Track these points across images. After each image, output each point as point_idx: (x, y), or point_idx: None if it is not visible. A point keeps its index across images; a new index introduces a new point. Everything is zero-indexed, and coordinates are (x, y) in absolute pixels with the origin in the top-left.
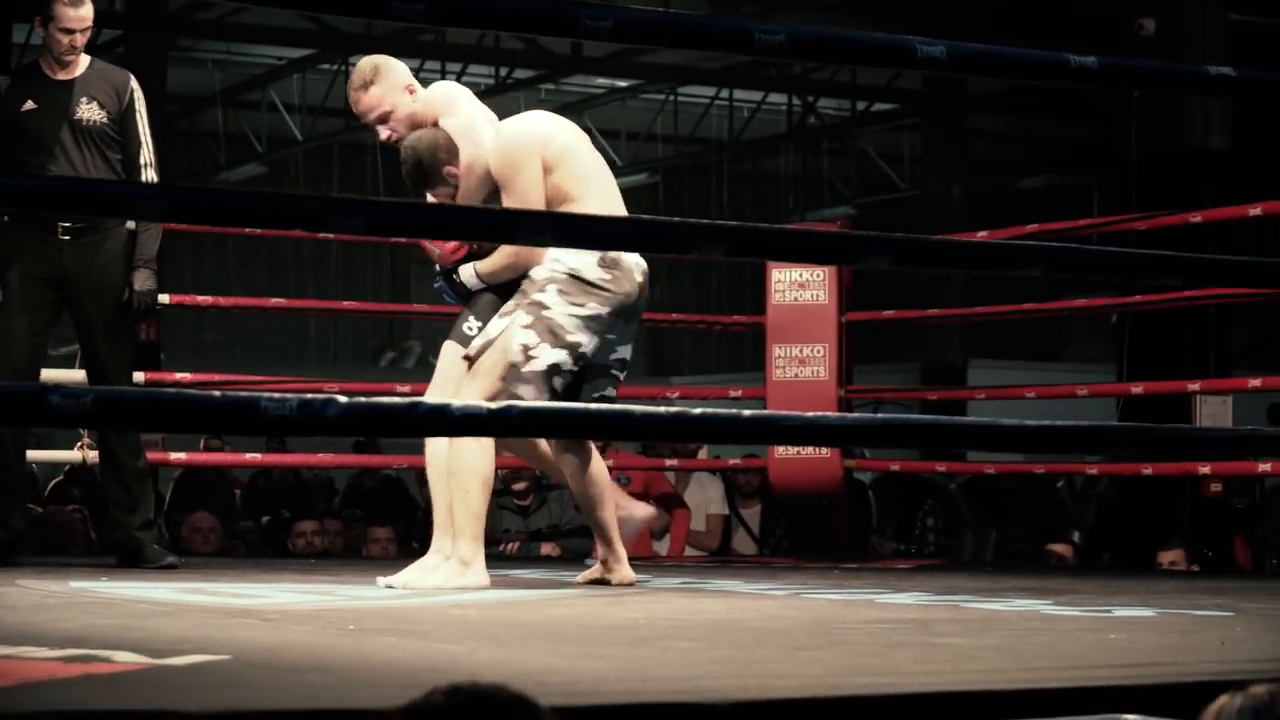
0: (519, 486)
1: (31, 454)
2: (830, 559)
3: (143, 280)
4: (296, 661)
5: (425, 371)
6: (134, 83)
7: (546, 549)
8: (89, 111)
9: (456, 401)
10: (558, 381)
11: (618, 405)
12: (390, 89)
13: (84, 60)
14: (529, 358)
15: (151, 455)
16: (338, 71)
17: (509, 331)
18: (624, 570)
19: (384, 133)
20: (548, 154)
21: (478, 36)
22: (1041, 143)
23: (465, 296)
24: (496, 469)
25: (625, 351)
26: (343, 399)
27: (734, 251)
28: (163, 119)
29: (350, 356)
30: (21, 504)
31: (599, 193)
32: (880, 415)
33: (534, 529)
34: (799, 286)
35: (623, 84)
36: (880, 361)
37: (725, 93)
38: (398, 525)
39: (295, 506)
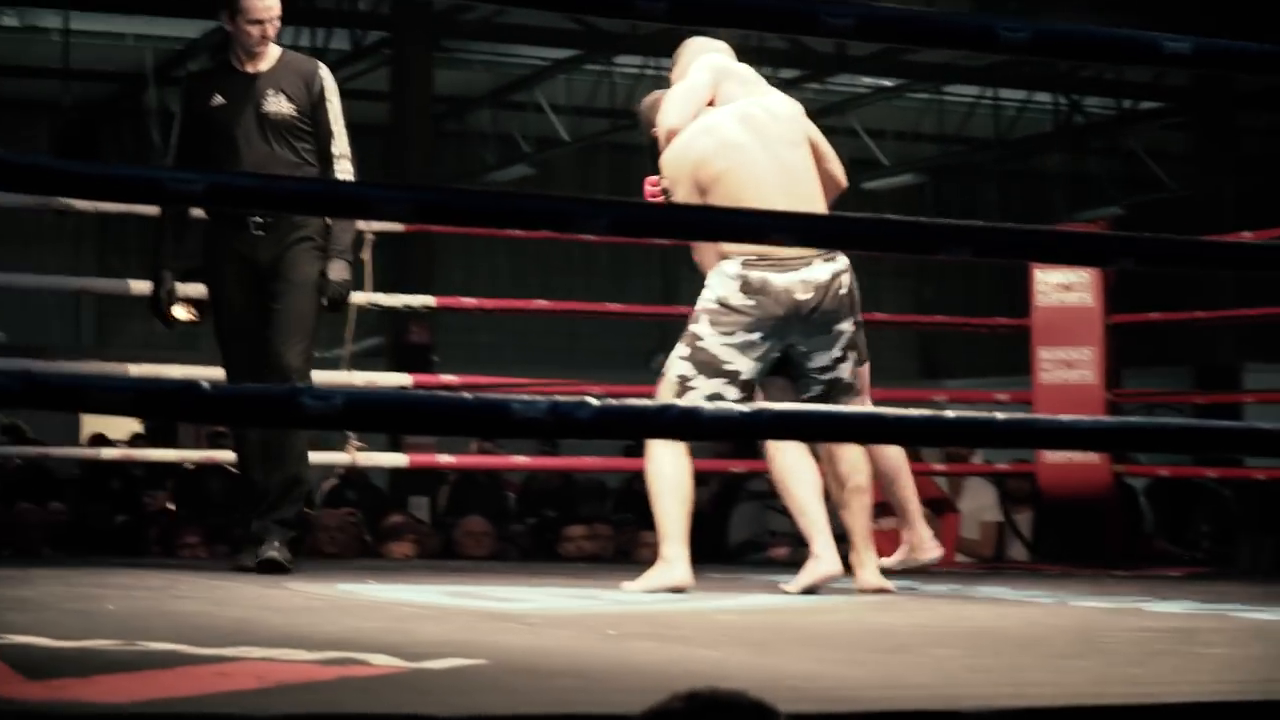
0: None
1: None
2: (1101, 565)
3: (337, 271)
4: (554, 666)
5: None
6: (324, 72)
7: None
8: (276, 104)
9: (709, 406)
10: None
11: (869, 408)
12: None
13: (274, 52)
14: (687, 389)
15: (419, 458)
16: (603, 72)
17: (670, 363)
18: (927, 544)
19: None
20: (700, 178)
21: (743, 36)
22: None
23: None
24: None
25: (823, 359)
26: (594, 401)
27: (981, 253)
28: (431, 120)
29: (622, 359)
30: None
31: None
32: (1124, 419)
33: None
34: (1063, 288)
35: (888, 83)
36: (1152, 364)
37: (990, 91)
38: None
39: (567, 510)
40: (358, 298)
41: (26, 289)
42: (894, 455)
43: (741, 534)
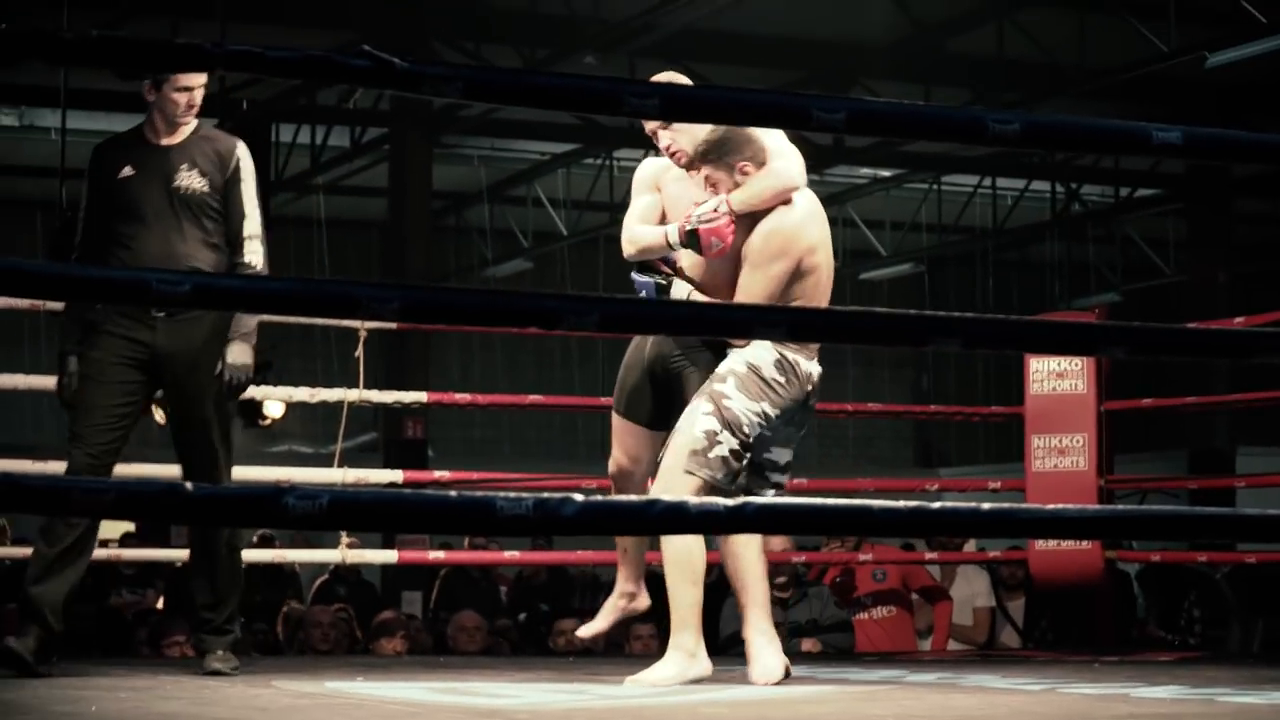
0: (779, 580)
1: (292, 554)
2: (1092, 651)
3: (236, 354)
4: None
5: None
6: (242, 150)
7: (807, 645)
8: (189, 179)
9: (695, 501)
10: (735, 468)
11: (856, 500)
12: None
13: (191, 125)
14: (714, 443)
15: (409, 554)
16: (602, 165)
17: (692, 418)
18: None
19: (664, 139)
20: (806, 264)
21: None
22: None
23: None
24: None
25: (781, 455)
26: (579, 498)
27: (970, 344)
28: (429, 215)
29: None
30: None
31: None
32: (1108, 508)
33: (794, 623)
34: (1057, 376)
35: (886, 174)
36: (1147, 449)
37: (989, 181)
38: (662, 621)
39: (560, 602)
40: (350, 395)
41: (17, 389)
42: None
43: (731, 626)
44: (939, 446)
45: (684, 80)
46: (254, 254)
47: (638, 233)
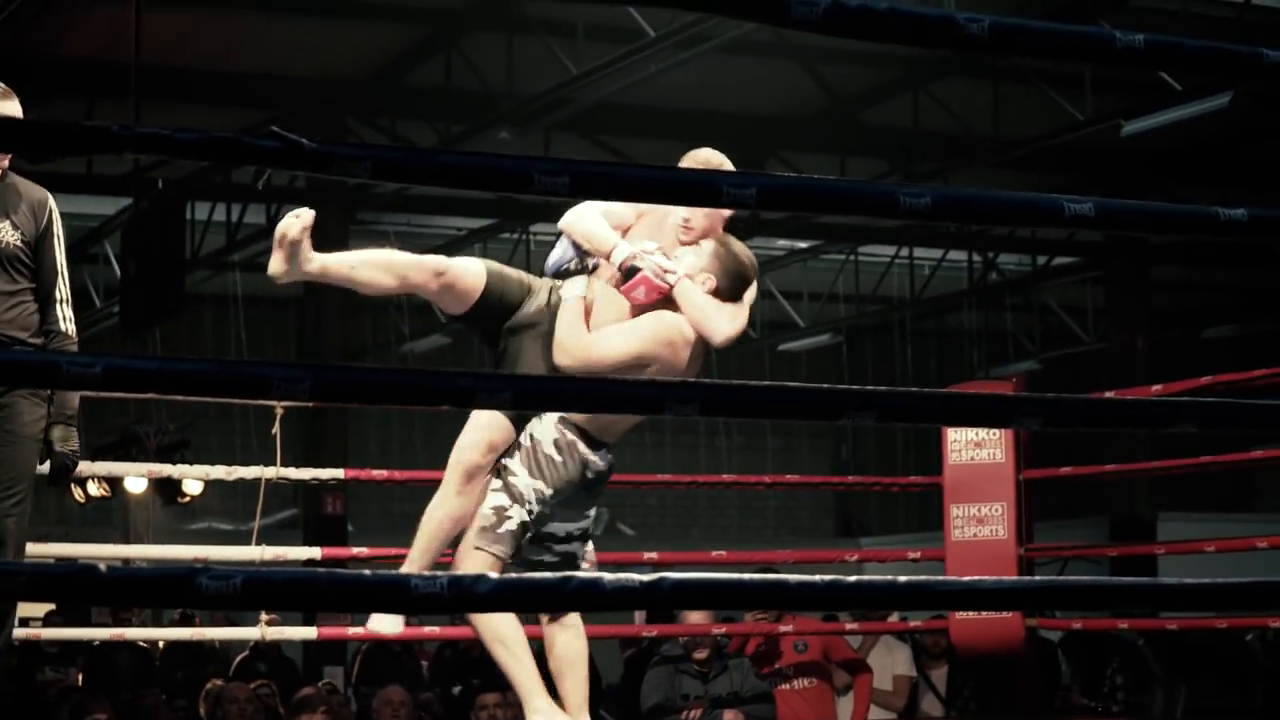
0: (699, 655)
1: (211, 632)
2: (1016, 719)
3: (61, 437)
4: None
5: (612, 537)
6: (53, 203)
7: (729, 716)
8: (2, 231)
9: (610, 576)
10: (522, 541)
11: (774, 575)
12: None
13: None
14: (503, 519)
15: (328, 630)
16: (518, 240)
17: (485, 495)
18: None
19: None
20: (656, 370)
21: None
22: (1227, 291)
23: None
24: (679, 636)
25: (560, 528)
26: (494, 575)
27: (886, 417)
28: (345, 291)
29: None
30: None
31: None
32: (1022, 579)
33: (715, 695)
34: (975, 445)
35: (803, 245)
36: (1067, 517)
37: (905, 251)
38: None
39: (484, 676)
40: (268, 472)
41: None
42: (573, 648)
43: (653, 698)
44: (859, 516)
45: (719, 159)
46: (67, 320)
47: (593, 223)
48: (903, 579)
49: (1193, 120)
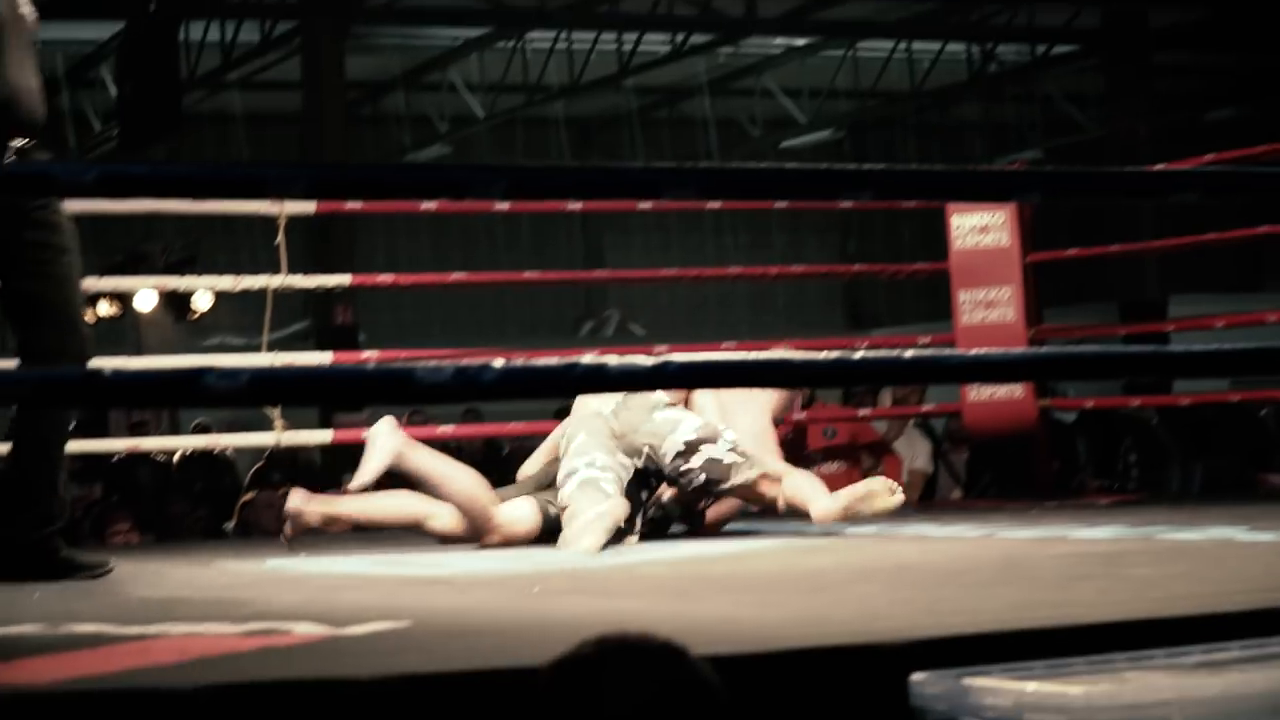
0: None
1: (227, 439)
2: (1032, 500)
3: None
4: (476, 625)
5: (624, 338)
6: None
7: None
8: None
9: (615, 359)
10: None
11: (780, 354)
12: None
13: None
14: None
15: (344, 434)
16: (514, 48)
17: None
18: None
19: None
20: None
21: (651, 4)
22: (1228, 74)
23: None
24: None
25: None
26: (499, 363)
27: (882, 194)
28: (345, 106)
29: (549, 328)
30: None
31: None
32: (1028, 350)
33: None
34: (980, 230)
35: (800, 42)
36: (1078, 302)
37: (904, 44)
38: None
39: (497, 476)
40: (274, 281)
41: None
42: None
43: None
44: (869, 308)
45: None
46: None
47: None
48: (908, 353)
49: None
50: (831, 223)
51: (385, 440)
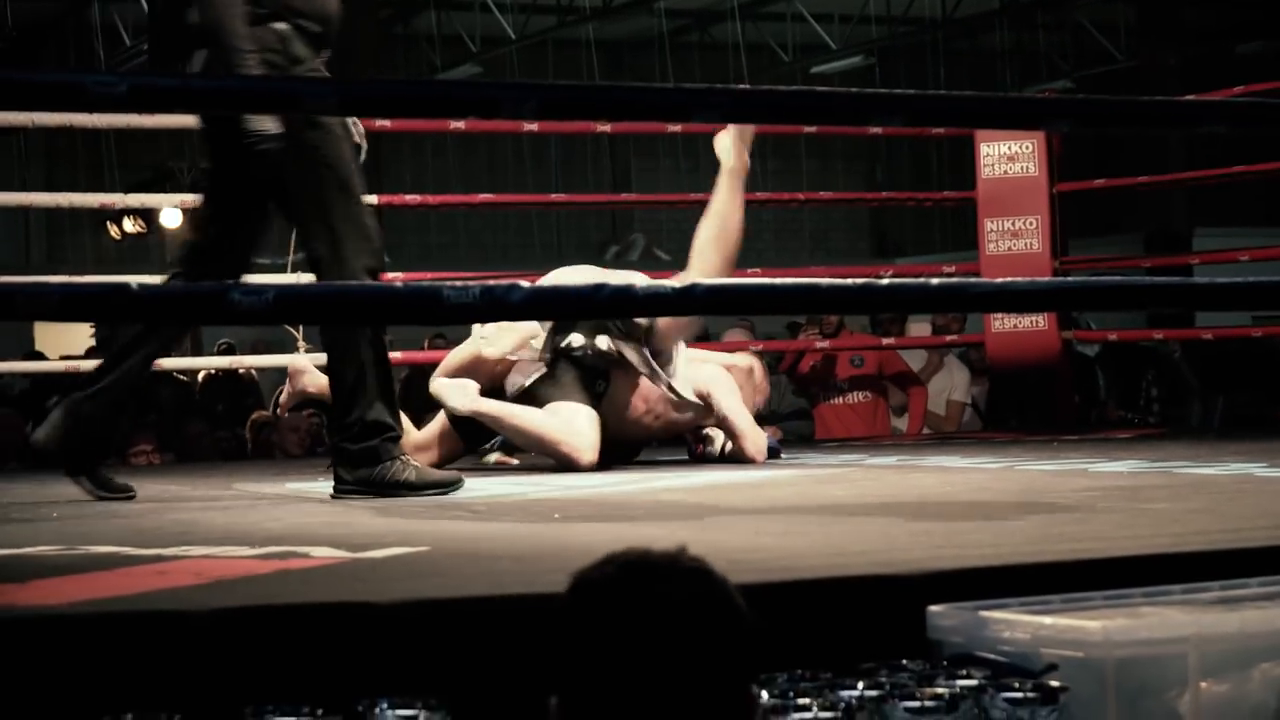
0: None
1: (253, 359)
2: (1053, 432)
3: None
4: (494, 550)
5: (650, 263)
6: None
7: (767, 432)
8: None
9: (642, 282)
10: None
11: (806, 278)
12: None
13: None
14: None
15: None
16: None
17: None
18: None
19: None
20: None
21: None
22: (1260, 6)
23: None
24: None
25: None
26: (526, 284)
27: (914, 120)
28: (377, 24)
29: (574, 251)
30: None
31: None
32: (1050, 280)
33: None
34: (1008, 159)
35: None
36: (1103, 234)
37: None
38: None
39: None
40: None
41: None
42: None
43: None
44: (895, 237)
45: None
46: None
47: None
48: (935, 280)
49: None
50: (859, 150)
51: (455, 395)
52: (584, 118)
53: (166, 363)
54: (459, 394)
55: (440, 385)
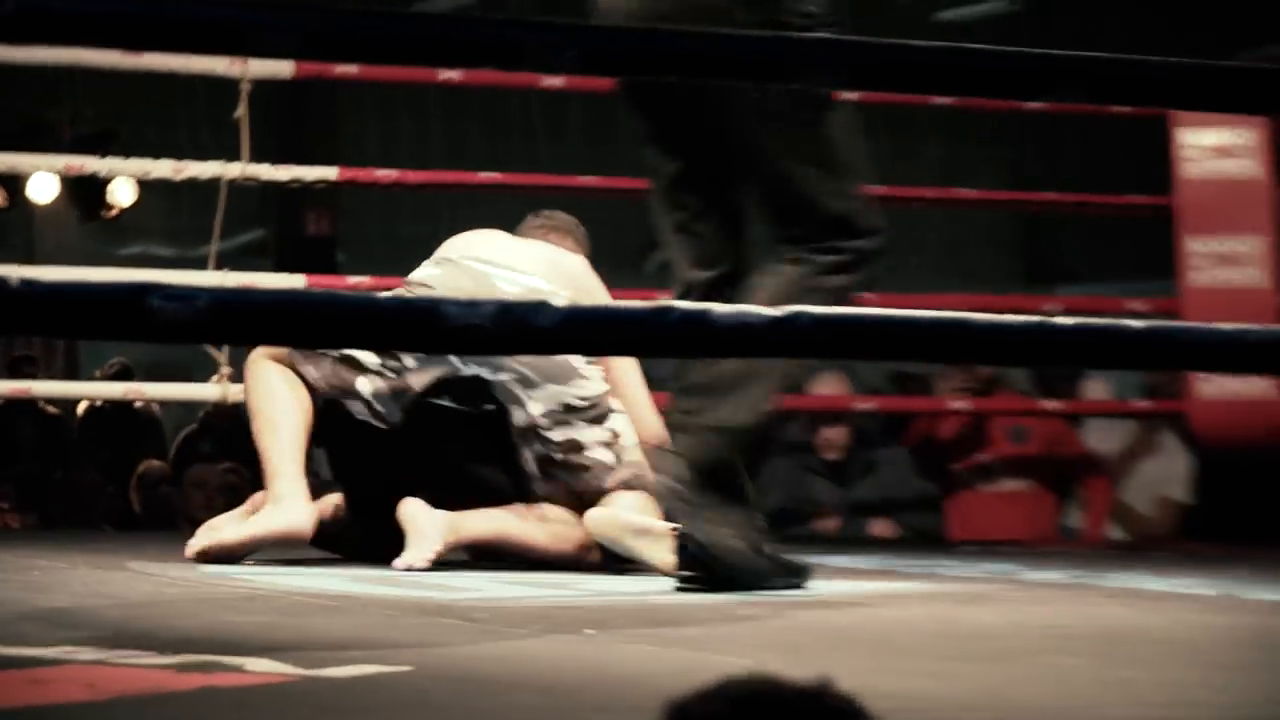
0: (829, 456)
1: (152, 390)
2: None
3: None
4: (505, 675)
5: None
6: None
7: (879, 528)
8: None
9: (722, 307)
10: None
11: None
12: None
13: None
14: None
15: None
16: None
17: None
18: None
19: None
20: None
21: None
22: None
23: None
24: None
25: None
26: (560, 303)
27: (1102, 96)
28: None
29: (605, 259)
30: None
31: None
32: None
33: (857, 500)
34: (1220, 153)
35: None
36: None
37: None
38: None
39: None
40: (230, 170)
41: None
42: None
43: (773, 499)
44: (1055, 256)
45: None
46: None
47: None
48: (1137, 322)
49: None
50: (1004, 130)
51: (427, 520)
52: (644, 74)
53: (35, 388)
54: None
55: None
